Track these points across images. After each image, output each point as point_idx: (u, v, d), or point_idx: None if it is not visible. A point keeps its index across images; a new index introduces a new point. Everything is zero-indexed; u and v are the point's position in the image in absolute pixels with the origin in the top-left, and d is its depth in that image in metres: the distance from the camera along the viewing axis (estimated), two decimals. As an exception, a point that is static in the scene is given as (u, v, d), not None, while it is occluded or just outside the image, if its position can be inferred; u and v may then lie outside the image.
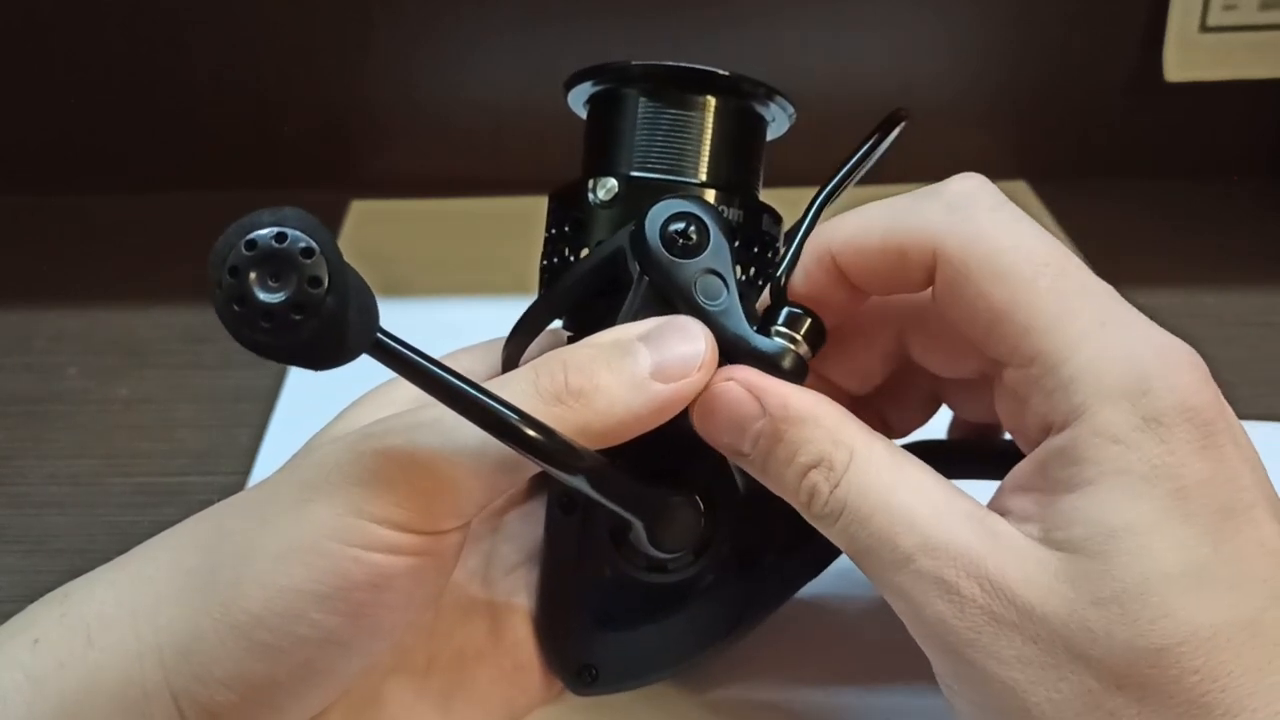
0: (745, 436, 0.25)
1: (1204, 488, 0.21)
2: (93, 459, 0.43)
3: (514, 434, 0.22)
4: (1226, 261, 0.51)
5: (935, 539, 0.22)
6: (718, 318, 0.26)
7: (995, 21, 0.56)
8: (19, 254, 0.55)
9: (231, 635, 0.23)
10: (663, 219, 0.26)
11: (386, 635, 0.25)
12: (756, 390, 0.25)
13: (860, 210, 0.26)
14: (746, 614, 0.30)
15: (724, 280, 0.26)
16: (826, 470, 0.24)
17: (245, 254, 0.19)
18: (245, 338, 0.19)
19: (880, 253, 0.25)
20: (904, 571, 0.23)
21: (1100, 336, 0.22)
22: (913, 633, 0.24)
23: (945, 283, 0.24)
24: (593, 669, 0.29)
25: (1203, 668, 0.20)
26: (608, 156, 0.29)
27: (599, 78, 0.29)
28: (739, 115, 0.29)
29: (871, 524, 0.23)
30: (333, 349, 0.20)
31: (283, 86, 0.57)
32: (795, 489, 0.24)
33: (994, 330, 0.23)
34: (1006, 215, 0.24)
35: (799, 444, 0.24)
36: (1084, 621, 0.21)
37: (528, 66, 0.55)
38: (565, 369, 0.24)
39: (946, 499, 0.23)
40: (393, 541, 0.23)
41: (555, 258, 0.29)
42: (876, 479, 0.23)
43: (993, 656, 0.22)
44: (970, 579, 0.22)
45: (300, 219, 0.19)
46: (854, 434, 0.24)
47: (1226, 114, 0.57)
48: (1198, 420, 0.21)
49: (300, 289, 0.19)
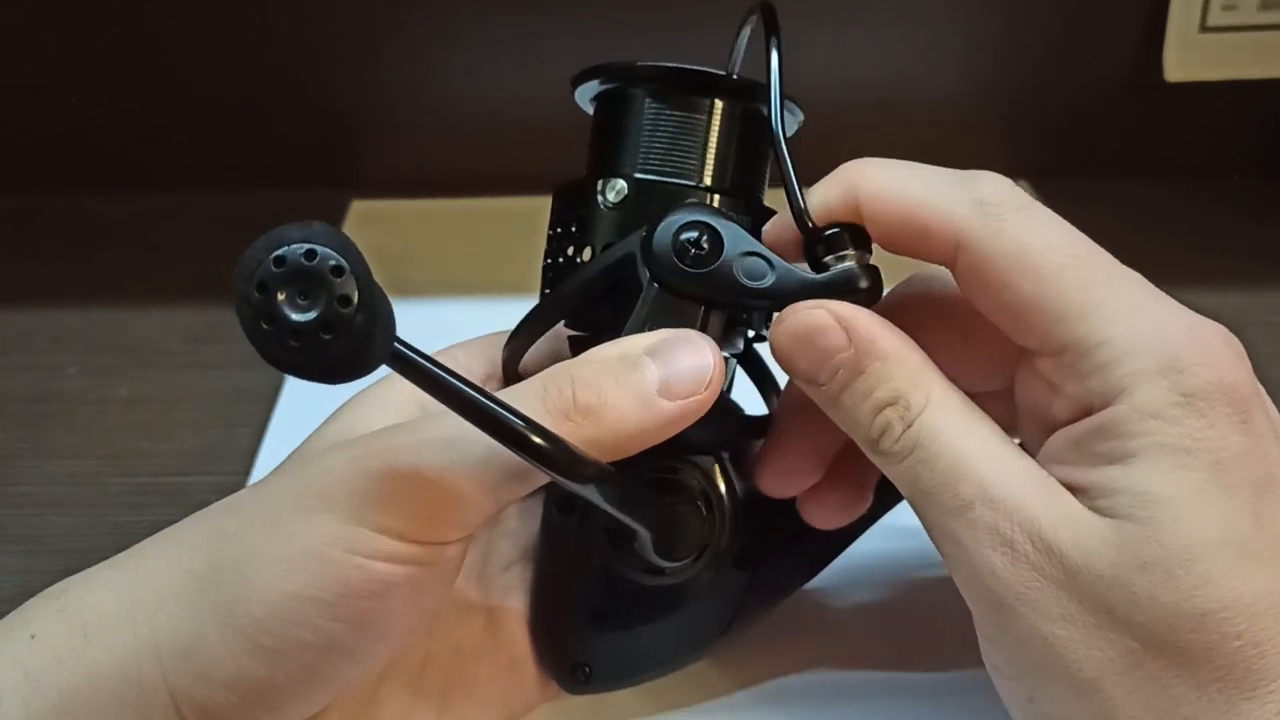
0: (826, 366, 0.25)
1: (1242, 461, 0.22)
2: (93, 459, 0.43)
3: (524, 443, 0.22)
4: (1226, 261, 0.51)
5: (996, 491, 0.23)
6: (776, 287, 0.26)
7: (995, 21, 0.56)
8: (19, 254, 0.55)
9: (233, 638, 0.23)
10: (674, 229, 0.26)
11: (389, 642, 0.25)
12: (846, 322, 0.25)
13: (891, 170, 0.26)
14: (741, 615, 0.30)
15: (761, 255, 0.26)
16: (903, 409, 0.24)
17: (274, 270, 0.19)
18: (272, 355, 0.19)
19: (903, 223, 0.25)
20: (962, 518, 0.23)
21: (1131, 320, 0.23)
22: (960, 581, 0.24)
23: (971, 273, 0.24)
24: (586, 668, 0.29)
25: (1244, 634, 0.21)
26: (616, 156, 0.29)
27: (609, 76, 0.29)
28: (749, 119, 0.29)
29: (937, 467, 0.23)
30: (356, 364, 0.20)
31: (283, 86, 0.57)
32: (868, 424, 0.24)
33: (1023, 320, 0.24)
34: (1034, 213, 0.24)
35: (880, 379, 0.24)
36: (1129, 585, 0.21)
37: (529, 66, 0.55)
38: (573, 384, 0.24)
39: (1012, 455, 0.24)
40: (396, 551, 0.23)
41: (560, 257, 0.29)
42: (949, 424, 0.24)
43: (1038, 611, 0.22)
44: (1024, 535, 0.22)
45: (329, 235, 0.19)
46: (934, 379, 0.24)
47: (1226, 114, 0.57)
48: (1234, 397, 0.22)
49: (330, 308, 0.19)
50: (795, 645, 0.32)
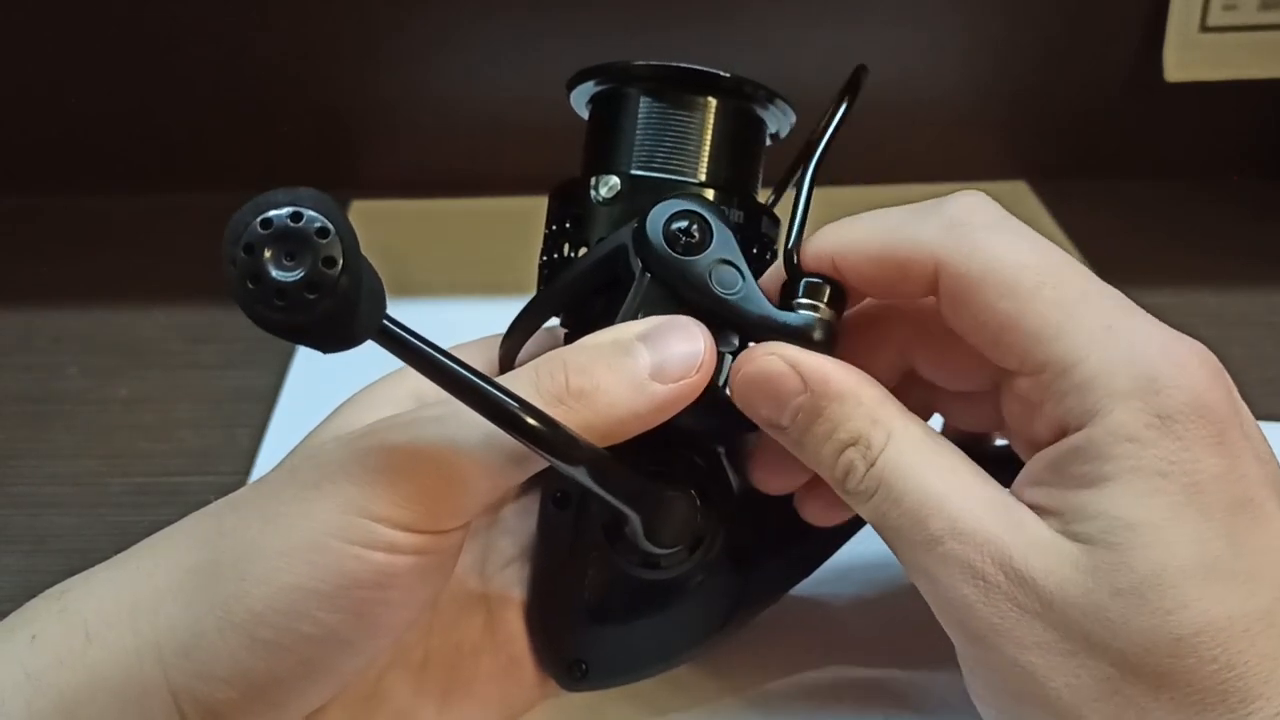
0: (785, 411, 0.25)
1: (1217, 483, 0.21)
2: (93, 459, 0.43)
3: (516, 423, 0.22)
4: (1226, 261, 0.51)
5: (965, 524, 0.23)
6: (739, 304, 0.26)
7: (995, 22, 0.56)
8: (19, 254, 0.55)
9: (233, 633, 0.23)
10: (665, 217, 0.26)
11: (388, 633, 0.25)
12: (798, 365, 0.25)
13: (858, 220, 0.26)
14: (738, 611, 0.30)
15: (737, 267, 0.26)
16: (864, 449, 0.24)
17: (260, 232, 0.19)
18: (258, 315, 0.19)
19: (878, 264, 0.25)
20: (932, 554, 0.23)
21: (1107, 339, 0.23)
22: (937, 613, 0.24)
23: (949, 296, 0.24)
24: (582, 664, 0.29)
25: (1219, 657, 0.21)
26: (610, 155, 0.29)
27: (603, 77, 0.29)
28: (740, 117, 0.29)
29: (904, 504, 0.23)
30: (343, 331, 0.20)
31: (283, 86, 0.57)
32: (831, 465, 0.25)
33: (1001, 341, 0.24)
34: (1005, 231, 0.24)
35: (838, 420, 0.24)
36: (1103, 611, 0.21)
37: (529, 66, 0.55)
38: (566, 369, 0.24)
39: (978, 485, 0.24)
40: (395, 540, 0.23)
41: (555, 253, 0.29)
42: (912, 460, 0.24)
43: (1014, 642, 0.22)
44: (996, 566, 0.22)
45: (316, 199, 0.19)
46: (893, 414, 0.24)
47: (1226, 114, 0.57)
48: (1210, 417, 0.22)
49: (315, 268, 0.19)
50: (791, 643, 0.32)
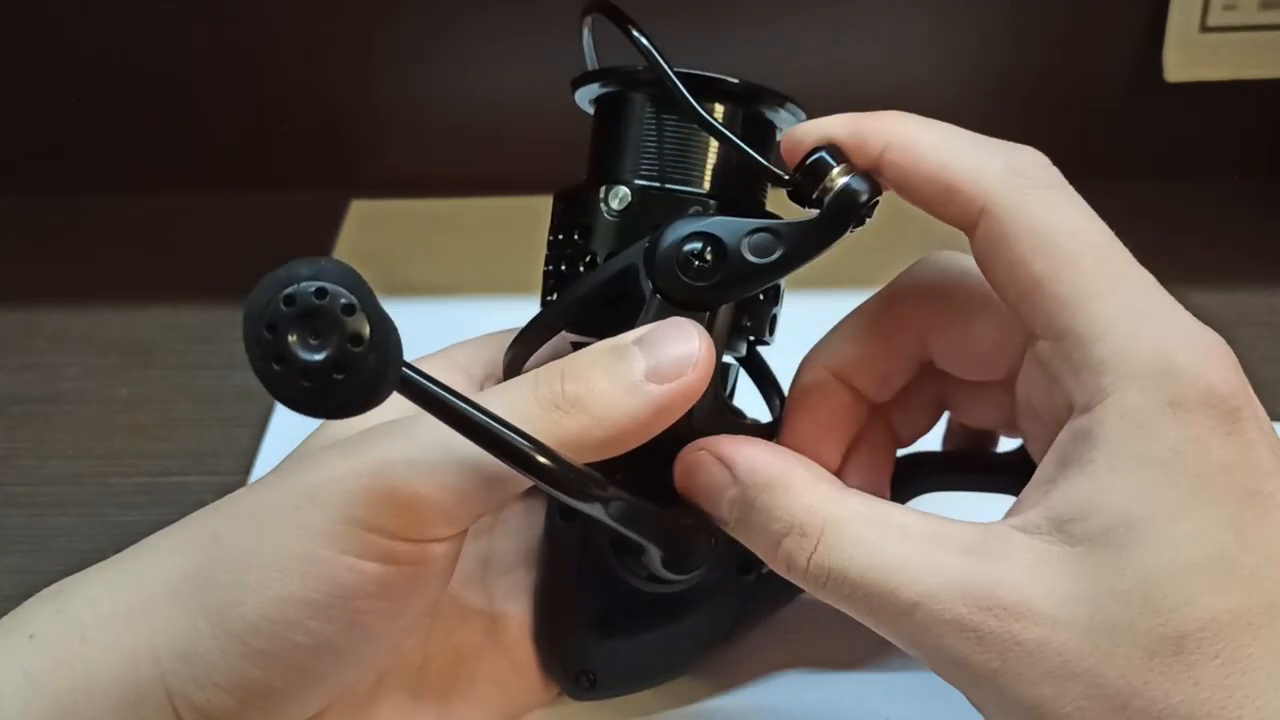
0: (720, 504, 0.25)
1: (1228, 472, 0.21)
2: (93, 459, 0.43)
3: (530, 464, 0.22)
4: (1226, 261, 0.51)
5: (933, 584, 0.22)
6: (788, 251, 0.25)
7: (994, 22, 0.56)
8: (19, 254, 0.55)
9: (228, 642, 0.23)
10: (676, 239, 0.26)
11: (382, 643, 0.25)
12: (725, 458, 0.25)
13: (927, 125, 0.25)
14: (744, 620, 0.30)
15: (760, 230, 0.25)
16: (799, 537, 0.23)
17: (284, 310, 0.18)
18: (283, 395, 0.19)
19: (928, 180, 0.25)
20: (910, 622, 0.22)
21: (1133, 320, 0.22)
22: (934, 671, 0.23)
23: (988, 238, 0.24)
24: (590, 674, 0.29)
25: (1223, 652, 0.20)
26: (619, 162, 0.28)
27: (611, 80, 0.29)
28: (752, 123, 0.29)
29: (864, 584, 0.23)
30: (367, 400, 0.19)
31: (282, 86, 0.57)
32: (773, 555, 0.24)
33: (1029, 298, 0.23)
34: (1063, 193, 0.24)
35: (769, 511, 0.24)
36: (1107, 616, 0.21)
37: (529, 66, 0.55)
38: (562, 376, 0.24)
39: (938, 537, 0.23)
40: (387, 550, 0.23)
41: (562, 264, 0.28)
42: (857, 539, 0.23)
43: (1019, 678, 0.21)
44: (983, 611, 0.21)
45: (339, 272, 0.19)
46: (825, 496, 0.24)
47: (1226, 114, 0.57)
48: (1223, 406, 0.21)
49: (342, 348, 0.18)
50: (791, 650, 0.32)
